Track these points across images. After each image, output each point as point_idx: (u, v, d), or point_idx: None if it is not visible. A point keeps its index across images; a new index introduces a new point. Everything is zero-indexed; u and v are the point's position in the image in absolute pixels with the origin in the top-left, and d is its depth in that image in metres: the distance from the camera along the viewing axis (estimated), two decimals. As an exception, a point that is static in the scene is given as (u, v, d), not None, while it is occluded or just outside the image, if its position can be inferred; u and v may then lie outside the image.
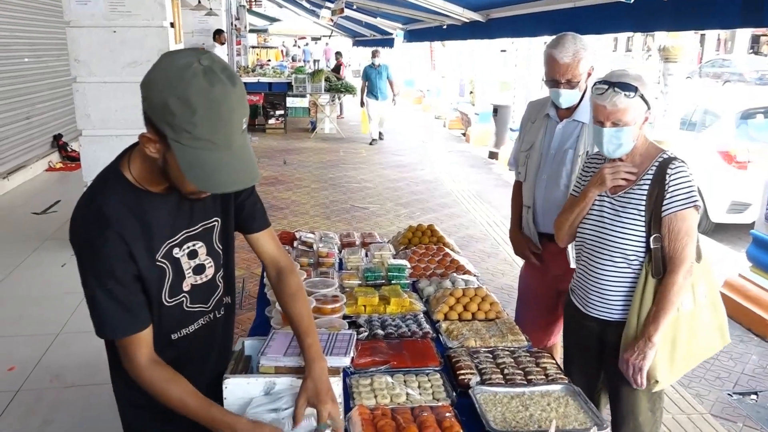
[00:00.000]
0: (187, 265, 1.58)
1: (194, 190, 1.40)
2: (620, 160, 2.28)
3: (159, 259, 1.51)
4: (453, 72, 17.23)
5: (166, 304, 1.55)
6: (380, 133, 12.93)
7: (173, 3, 5.58)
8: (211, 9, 11.89)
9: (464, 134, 14.02)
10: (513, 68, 11.36)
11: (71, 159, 9.37)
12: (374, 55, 12.62)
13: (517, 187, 3.13)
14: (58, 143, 9.70)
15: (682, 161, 2.23)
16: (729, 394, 3.73)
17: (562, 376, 2.07)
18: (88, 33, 5.27)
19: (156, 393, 1.49)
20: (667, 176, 2.18)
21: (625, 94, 2.15)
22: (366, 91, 12.67)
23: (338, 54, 18.31)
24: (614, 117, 2.18)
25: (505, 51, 13.82)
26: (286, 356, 1.71)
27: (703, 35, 28.17)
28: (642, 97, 2.17)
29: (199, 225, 1.60)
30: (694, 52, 25.48)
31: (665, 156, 2.24)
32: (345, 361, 1.74)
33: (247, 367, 1.84)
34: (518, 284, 3.24)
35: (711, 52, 29.68)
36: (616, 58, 28.54)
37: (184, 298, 1.59)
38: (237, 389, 1.64)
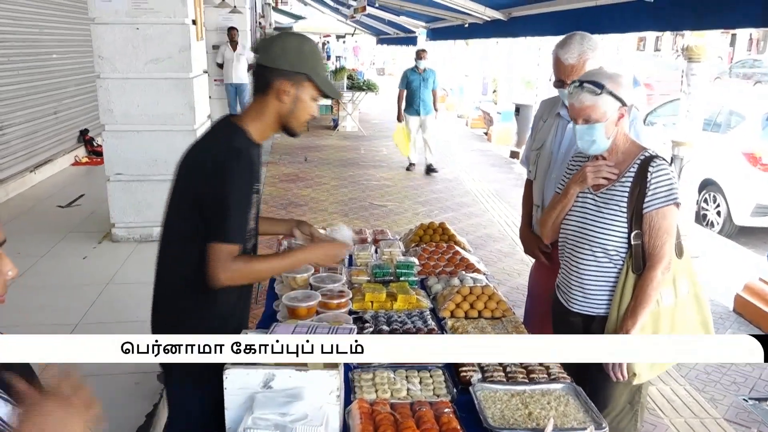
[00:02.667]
0: (254, 208, 2.03)
1: (309, 117, 2.02)
2: (603, 158, 2.29)
3: (254, 195, 1.99)
4: (476, 70, 17.16)
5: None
6: (430, 165, 9.77)
7: (195, 0, 5.66)
8: (235, 6, 11.97)
9: (486, 133, 13.96)
10: (536, 67, 11.29)
11: (97, 154, 9.53)
12: (420, 56, 9.60)
13: (529, 185, 3.13)
14: (84, 138, 9.89)
15: (664, 159, 2.27)
16: (744, 399, 3.68)
17: (565, 375, 2.07)
18: (112, 30, 5.37)
19: (248, 274, 1.96)
20: (649, 174, 2.22)
21: (591, 92, 2.19)
22: (405, 102, 9.77)
23: None
24: (584, 114, 2.22)
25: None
26: (285, 348, 1.73)
27: (733, 35, 27.63)
28: (612, 94, 2.19)
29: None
30: (723, 51, 25.00)
31: (647, 154, 2.27)
32: (343, 355, 1.76)
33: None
34: (528, 283, 3.24)
35: (742, 51, 29.11)
36: (644, 57, 28.14)
37: (250, 234, 2.03)
38: (237, 379, 1.68)
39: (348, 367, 2.04)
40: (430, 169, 9.75)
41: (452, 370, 2.10)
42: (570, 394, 1.96)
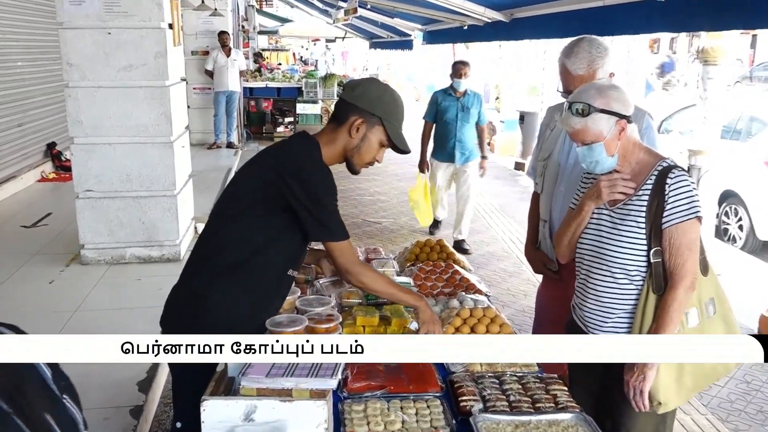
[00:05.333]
0: None
1: (372, 160, 2.33)
2: (616, 171, 2.31)
3: None
4: (477, 76, 17.27)
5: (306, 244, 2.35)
6: (461, 242, 6.84)
7: (172, 3, 5.70)
8: (215, 9, 12.06)
9: (489, 143, 14.04)
10: (541, 72, 11.39)
11: (65, 169, 9.52)
12: (458, 72, 6.74)
13: (536, 198, 3.15)
14: (52, 152, 9.89)
15: (683, 169, 2.27)
16: (771, 430, 3.68)
17: (574, 404, 2.07)
18: (82, 35, 5.39)
19: (371, 279, 2.29)
20: (667, 186, 2.21)
21: (578, 115, 2.22)
22: (433, 142, 6.97)
23: (257, 55, 17.21)
24: (578, 137, 2.27)
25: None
26: (269, 377, 1.74)
27: (754, 36, 27.87)
28: (603, 110, 2.21)
29: None
30: (743, 54, 25.23)
31: (665, 164, 2.27)
32: (331, 384, 1.77)
33: (230, 389, 1.88)
34: (535, 304, 3.25)
35: (764, 53, 29.37)
36: (657, 60, 28.41)
37: (308, 247, 2.42)
38: (216, 412, 1.68)
39: (337, 398, 2.03)
40: (458, 246, 6.67)
41: (451, 400, 2.10)
42: (580, 424, 1.96)
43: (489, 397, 2.08)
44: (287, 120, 14.15)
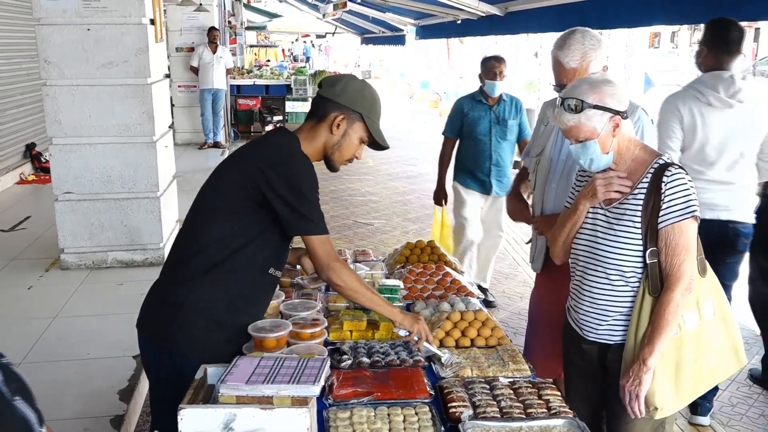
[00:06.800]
0: None
1: (352, 157, 2.37)
2: (612, 169, 2.31)
3: None
4: (472, 72, 17.31)
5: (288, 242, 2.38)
6: (483, 290, 5.39)
7: (154, -3, 5.69)
8: (200, 4, 12.03)
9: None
10: (537, 67, 11.42)
11: (45, 170, 9.49)
12: (492, 71, 5.18)
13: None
14: (31, 153, 9.86)
15: (680, 167, 2.27)
16: (774, 434, 3.69)
17: (567, 409, 2.07)
18: (60, 31, 5.37)
19: (351, 278, 2.26)
20: (663, 185, 2.21)
21: (570, 111, 2.22)
22: (456, 163, 5.49)
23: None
24: (571, 135, 2.27)
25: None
26: (248, 384, 1.73)
27: (757, 29, 28.00)
28: (596, 106, 2.20)
29: None
30: (745, 47, 25.31)
31: (661, 161, 2.27)
32: (314, 390, 1.76)
33: (210, 397, 1.87)
34: (529, 308, 3.25)
35: (767, 47, 29.50)
36: (657, 54, 28.53)
37: (291, 244, 2.44)
38: (193, 421, 1.67)
39: (322, 405, 2.03)
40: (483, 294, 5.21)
41: (440, 406, 2.10)
42: (572, 430, 1.96)
43: (479, 403, 2.08)
44: (276, 118, 14.13)
